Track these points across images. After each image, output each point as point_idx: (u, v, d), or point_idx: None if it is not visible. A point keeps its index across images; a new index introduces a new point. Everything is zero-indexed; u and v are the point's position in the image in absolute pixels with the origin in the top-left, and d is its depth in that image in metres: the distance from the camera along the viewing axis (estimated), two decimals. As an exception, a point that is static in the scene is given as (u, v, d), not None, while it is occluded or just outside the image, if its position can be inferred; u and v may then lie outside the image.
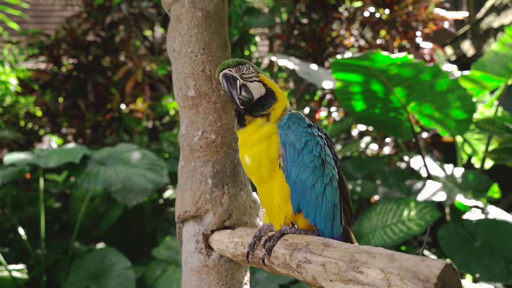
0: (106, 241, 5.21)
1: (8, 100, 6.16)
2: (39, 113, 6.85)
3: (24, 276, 4.21)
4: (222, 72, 1.45)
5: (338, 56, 5.03)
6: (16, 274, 4.18)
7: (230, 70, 1.45)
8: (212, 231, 1.76)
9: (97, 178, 4.06)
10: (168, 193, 5.75)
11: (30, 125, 6.80)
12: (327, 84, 4.79)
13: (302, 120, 1.41)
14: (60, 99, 6.63)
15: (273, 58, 5.52)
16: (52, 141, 7.17)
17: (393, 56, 3.88)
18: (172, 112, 7.42)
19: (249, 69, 1.47)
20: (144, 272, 4.17)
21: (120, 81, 6.57)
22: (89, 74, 6.56)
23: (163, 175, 4.39)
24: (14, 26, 6.16)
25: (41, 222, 4.47)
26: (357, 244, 1.32)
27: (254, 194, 1.86)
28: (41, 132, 6.90)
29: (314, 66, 5.19)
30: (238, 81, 1.43)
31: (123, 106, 6.88)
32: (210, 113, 1.78)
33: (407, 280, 0.96)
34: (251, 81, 1.46)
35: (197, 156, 1.77)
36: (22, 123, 6.67)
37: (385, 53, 3.87)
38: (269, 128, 1.42)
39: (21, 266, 4.32)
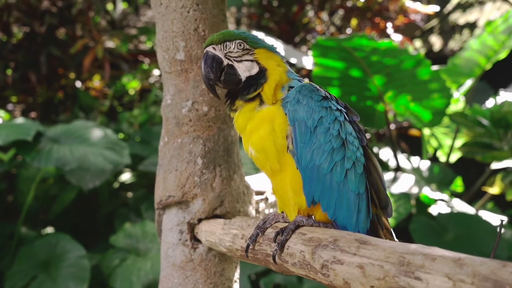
0: (56, 226, 4.79)
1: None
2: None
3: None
4: (204, 50, 1.24)
5: (313, 41, 4.84)
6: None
7: (214, 48, 1.22)
8: (200, 220, 1.49)
9: (49, 157, 3.69)
10: (124, 177, 5.38)
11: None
12: (307, 62, 4.60)
13: (315, 93, 1.17)
14: (9, 71, 6.07)
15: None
16: (-3, 116, 6.58)
17: (378, 40, 3.72)
18: (131, 91, 7.00)
19: (240, 45, 1.23)
20: (100, 260, 3.83)
21: (76, 55, 6.07)
22: (43, 45, 6.02)
23: (124, 155, 4.07)
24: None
25: (-16, 204, 4.02)
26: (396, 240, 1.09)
27: (247, 178, 1.61)
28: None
29: (290, 47, 5.00)
30: (221, 62, 1.22)
31: (78, 83, 6.39)
32: (202, 80, 1.50)
33: (486, 290, 0.75)
34: (240, 61, 1.22)
35: (185, 131, 1.49)
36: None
37: (370, 37, 3.72)
38: (269, 111, 1.19)
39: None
